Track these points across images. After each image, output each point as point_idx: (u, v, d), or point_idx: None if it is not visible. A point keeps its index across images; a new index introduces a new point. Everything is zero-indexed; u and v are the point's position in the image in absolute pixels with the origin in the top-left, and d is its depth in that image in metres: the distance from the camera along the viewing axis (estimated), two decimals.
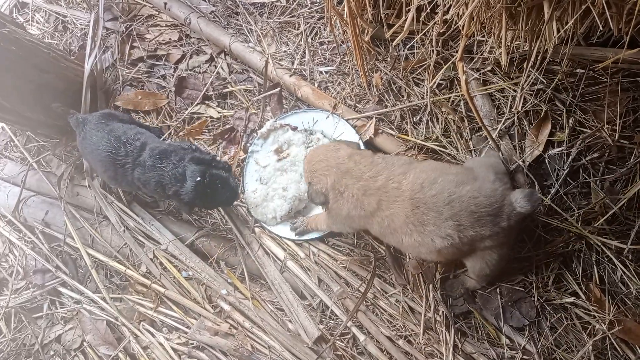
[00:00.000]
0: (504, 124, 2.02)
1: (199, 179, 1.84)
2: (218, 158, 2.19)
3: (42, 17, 2.77)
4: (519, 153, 1.99)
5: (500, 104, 2.09)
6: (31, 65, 2.11)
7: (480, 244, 1.59)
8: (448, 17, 1.51)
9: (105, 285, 2.21)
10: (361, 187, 1.64)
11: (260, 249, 2.09)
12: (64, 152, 2.43)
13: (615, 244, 1.84)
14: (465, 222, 1.52)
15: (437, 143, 2.06)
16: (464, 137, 2.06)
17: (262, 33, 2.46)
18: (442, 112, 2.09)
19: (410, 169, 1.63)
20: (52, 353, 2.18)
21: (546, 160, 1.97)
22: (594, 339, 1.75)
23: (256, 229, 2.14)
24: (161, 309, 2.12)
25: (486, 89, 2.09)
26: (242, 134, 2.28)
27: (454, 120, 2.07)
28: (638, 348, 1.75)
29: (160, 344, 2.07)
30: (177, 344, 2.06)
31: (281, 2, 2.50)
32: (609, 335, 1.75)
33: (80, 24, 2.69)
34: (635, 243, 1.83)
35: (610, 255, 1.84)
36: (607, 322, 1.76)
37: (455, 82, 2.13)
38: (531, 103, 2.02)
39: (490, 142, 1.96)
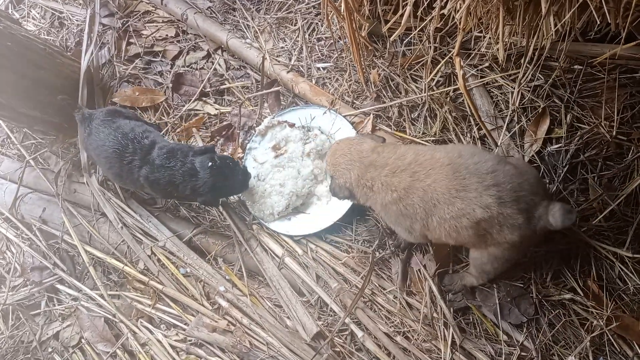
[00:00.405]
0: (504, 121, 2.01)
1: (210, 164, 1.84)
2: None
3: (38, 13, 2.77)
4: (519, 149, 1.98)
5: (499, 100, 2.08)
6: (27, 62, 2.10)
7: (503, 235, 1.52)
8: (445, 11, 1.50)
9: (103, 282, 2.20)
10: (389, 171, 1.59)
11: (259, 245, 2.09)
12: (61, 149, 2.43)
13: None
14: (506, 197, 1.44)
15: (434, 138, 2.05)
16: (465, 135, 2.05)
17: (259, 29, 2.45)
18: (441, 109, 2.08)
19: (439, 146, 1.60)
20: (50, 350, 2.18)
21: (545, 157, 1.96)
22: (592, 335, 1.75)
23: (254, 226, 2.13)
24: (159, 305, 2.12)
25: (483, 84, 2.08)
26: (238, 130, 2.28)
27: (454, 117, 2.07)
28: (635, 344, 1.75)
29: (159, 341, 2.06)
30: (175, 340, 2.06)
31: None
32: (607, 331, 1.75)
33: (77, 20, 2.68)
34: (633, 240, 1.83)
35: (608, 252, 1.84)
36: (604, 319, 1.75)
37: (454, 78, 2.13)
38: (529, 99, 2.02)
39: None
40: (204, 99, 2.40)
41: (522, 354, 1.78)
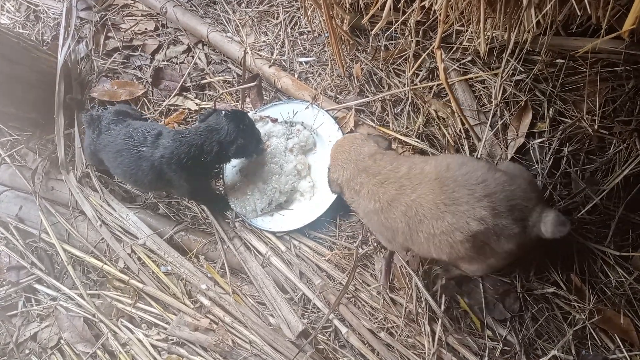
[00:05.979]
0: (486, 116, 2.00)
1: (223, 112, 1.83)
2: None
3: (13, 5, 2.70)
4: (502, 144, 1.97)
5: (481, 95, 2.07)
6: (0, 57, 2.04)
7: (500, 245, 1.46)
8: (426, 3, 1.48)
9: (82, 281, 2.16)
10: (378, 181, 1.56)
11: (241, 243, 2.05)
12: (38, 146, 2.37)
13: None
14: (500, 207, 1.38)
15: (416, 137, 2.03)
16: (448, 130, 2.03)
17: (240, 23, 2.41)
18: (425, 104, 2.06)
19: (431, 158, 1.57)
20: (27, 352, 2.13)
21: (530, 151, 1.96)
22: (575, 329, 1.75)
23: (236, 223, 2.10)
24: (140, 304, 2.08)
25: (466, 79, 2.07)
26: None
27: (437, 114, 2.05)
28: (617, 337, 1.75)
29: (139, 341, 2.03)
30: (156, 340, 2.02)
31: None
32: (589, 325, 1.75)
33: (53, 14, 2.62)
34: (615, 233, 1.83)
35: (590, 245, 1.85)
36: (587, 312, 1.76)
37: (437, 72, 2.11)
38: (511, 93, 2.01)
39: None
40: (185, 94, 2.36)
41: (506, 348, 1.78)
